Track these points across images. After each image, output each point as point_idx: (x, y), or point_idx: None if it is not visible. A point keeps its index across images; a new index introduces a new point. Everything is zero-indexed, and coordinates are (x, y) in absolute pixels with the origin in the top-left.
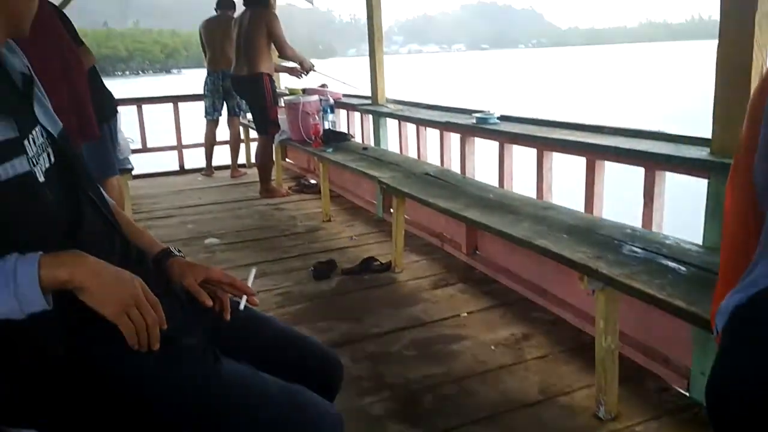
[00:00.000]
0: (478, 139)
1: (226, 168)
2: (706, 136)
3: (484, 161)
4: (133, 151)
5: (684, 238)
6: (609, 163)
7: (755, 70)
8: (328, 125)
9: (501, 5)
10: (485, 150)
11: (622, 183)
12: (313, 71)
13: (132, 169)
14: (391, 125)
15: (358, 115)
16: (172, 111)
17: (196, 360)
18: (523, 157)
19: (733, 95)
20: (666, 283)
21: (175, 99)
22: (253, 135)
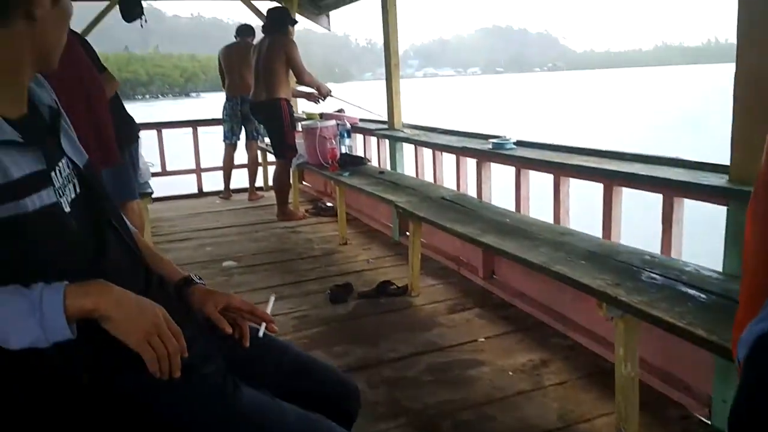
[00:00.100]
0: (495, 164)
1: (244, 191)
2: (725, 162)
3: (501, 185)
4: (153, 175)
5: (704, 264)
6: (626, 188)
7: None
8: (344, 149)
9: (516, 29)
10: (502, 174)
11: (639, 207)
12: (330, 96)
13: (152, 192)
14: (408, 149)
15: (375, 139)
16: (192, 135)
17: (216, 388)
18: (540, 181)
19: (751, 121)
20: (686, 311)
21: (194, 123)
22: (271, 158)
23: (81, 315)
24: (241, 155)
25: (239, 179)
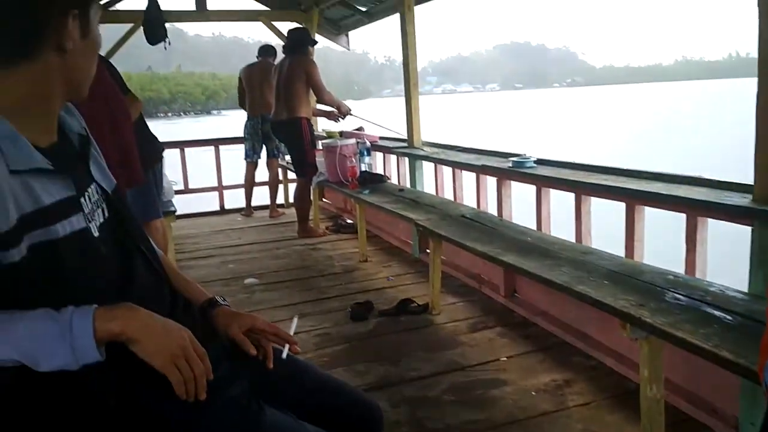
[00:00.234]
0: (515, 182)
1: (265, 208)
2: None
3: (521, 203)
4: (176, 192)
5: (729, 284)
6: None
7: None
8: (364, 167)
9: (534, 45)
10: (522, 192)
11: (661, 226)
12: (350, 115)
13: (175, 211)
14: (427, 167)
15: (394, 157)
16: (214, 153)
17: (240, 410)
18: (561, 199)
19: None
20: (711, 332)
21: (216, 142)
22: (292, 176)
23: (109, 338)
24: (262, 173)
25: (261, 196)
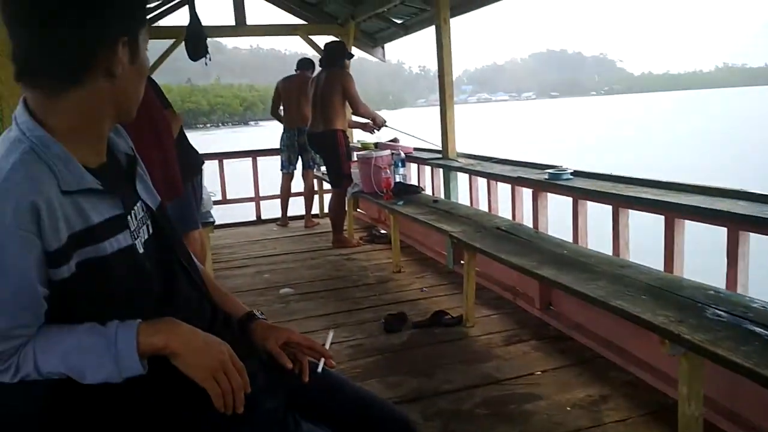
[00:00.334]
0: (551, 194)
1: (300, 218)
2: None
3: (557, 213)
4: (214, 203)
5: None
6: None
7: None
8: (399, 178)
9: (571, 53)
10: (558, 203)
11: (698, 239)
12: (385, 126)
13: (214, 222)
14: (462, 178)
15: (429, 168)
16: (251, 164)
17: (277, 423)
18: (599, 211)
19: None
20: (752, 350)
21: (253, 153)
22: (327, 186)
23: (152, 352)
24: (298, 184)
25: (296, 207)
